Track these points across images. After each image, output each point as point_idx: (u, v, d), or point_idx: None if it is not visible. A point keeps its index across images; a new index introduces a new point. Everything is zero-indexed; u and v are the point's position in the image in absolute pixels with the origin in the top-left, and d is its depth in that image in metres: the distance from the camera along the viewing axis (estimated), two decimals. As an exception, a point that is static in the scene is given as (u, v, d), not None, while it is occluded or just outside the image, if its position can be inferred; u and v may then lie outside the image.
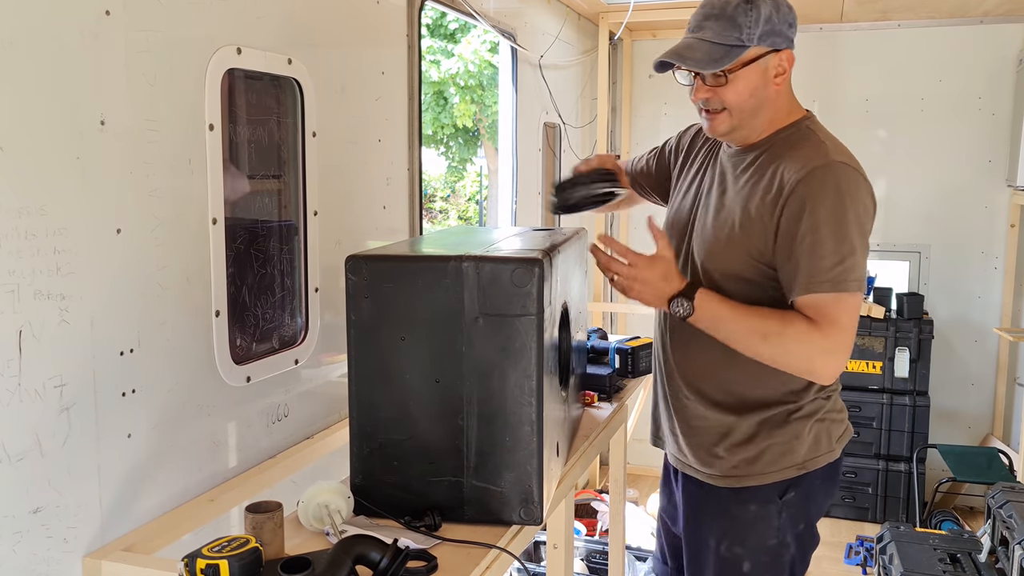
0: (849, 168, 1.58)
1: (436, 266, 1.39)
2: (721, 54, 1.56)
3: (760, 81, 1.59)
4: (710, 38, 1.57)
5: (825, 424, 1.73)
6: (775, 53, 1.59)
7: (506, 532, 1.42)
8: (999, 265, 4.36)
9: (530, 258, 1.37)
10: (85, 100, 1.33)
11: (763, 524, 1.72)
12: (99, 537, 1.39)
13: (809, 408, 1.70)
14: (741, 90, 1.59)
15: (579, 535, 3.58)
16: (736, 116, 1.62)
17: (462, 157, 13.10)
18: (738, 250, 1.64)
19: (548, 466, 1.46)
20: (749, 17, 1.55)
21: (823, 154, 1.59)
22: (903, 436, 4.23)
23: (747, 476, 1.70)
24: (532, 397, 1.38)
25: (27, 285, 1.24)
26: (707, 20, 1.57)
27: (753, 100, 1.60)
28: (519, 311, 1.36)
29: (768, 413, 1.69)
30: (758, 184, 1.63)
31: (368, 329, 1.41)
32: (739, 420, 1.71)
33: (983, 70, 4.27)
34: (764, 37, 1.56)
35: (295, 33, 1.83)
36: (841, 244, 1.54)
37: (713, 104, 1.62)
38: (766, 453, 1.69)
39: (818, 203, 1.54)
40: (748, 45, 1.56)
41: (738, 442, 1.71)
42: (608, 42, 4.26)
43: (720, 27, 1.56)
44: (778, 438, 1.69)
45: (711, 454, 1.74)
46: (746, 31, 1.55)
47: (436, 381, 1.40)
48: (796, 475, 1.70)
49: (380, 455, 1.44)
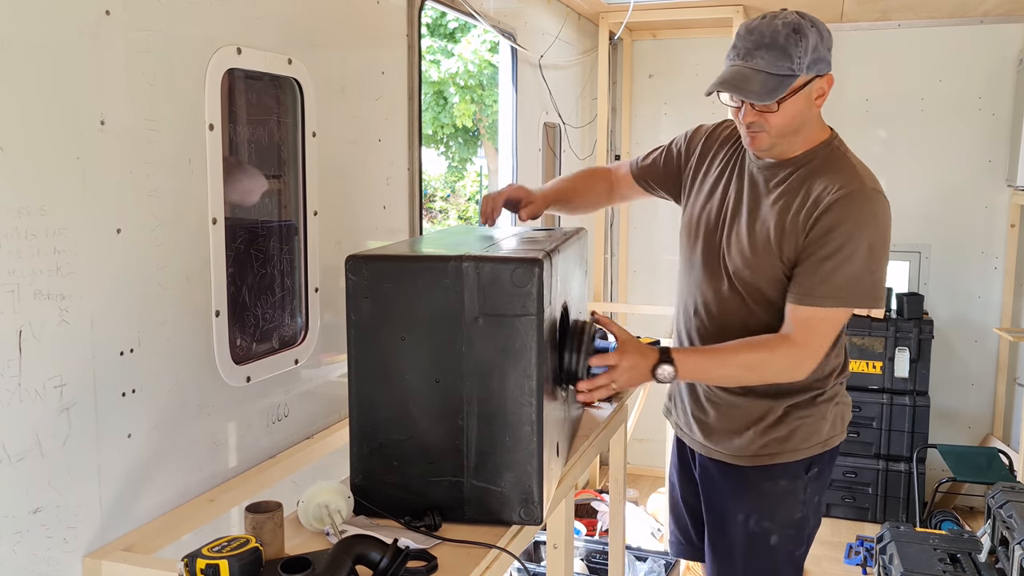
0: (879, 196, 1.69)
1: (436, 266, 1.39)
2: (775, 84, 1.62)
3: (805, 105, 1.68)
4: (763, 67, 1.62)
5: (840, 408, 1.90)
6: (820, 78, 1.67)
7: (506, 532, 1.42)
8: (999, 265, 4.36)
9: (530, 258, 1.37)
10: (85, 100, 1.33)
11: (791, 499, 1.86)
12: (99, 537, 1.39)
13: (831, 392, 1.86)
14: (788, 115, 1.67)
15: (579, 535, 3.58)
16: (774, 136, 1.71)
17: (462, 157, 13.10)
18: (773, 261, 1.74)
19: (548, 466, 1.46)
20: (800, 48, 1.61)
21: (856, 179, 1.69)
22: (903, 436, 4.23)
23: (778, 454, 1.84)
24: (532, 397, 1.38)
25: (27, 285, 1.24)
26: (758, 49, 1.63)
27: (796, 123, 1.69)
28: (519, 311, 1.36)
29: (800, 398, 1.83)
30: (792, 200, 1.72)
31: (368, 329, 1.41)
32: (774, 404, 1.83)
33: (983, 70, 4.27)
34: (812, 65, 1.64)
35: (295, 33, 1.83)
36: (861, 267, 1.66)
37: (756, 126, 1.70)
38: (797, 432, 1.83)
39: (847, 227, 1.65)
40: (798, 74, 1.63)
41: (771, 424, 1.83)
42: (608, 42, 4.26)
43: (772, 57, 1.62)
44: (807, 418, 1.83)
45: (740, 435, 1.86)
46: (796, 61, 1.62)
47: (436, 381, 1.40)
48: (820, 452, 1.85)
49: (380, 455, 1.44)
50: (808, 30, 1.63)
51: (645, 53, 4.72)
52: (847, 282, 1.66)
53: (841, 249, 1.65)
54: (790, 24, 1.62)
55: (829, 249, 1.66)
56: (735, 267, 1.80)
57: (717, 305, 1.86)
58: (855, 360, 4.27)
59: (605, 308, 4.60)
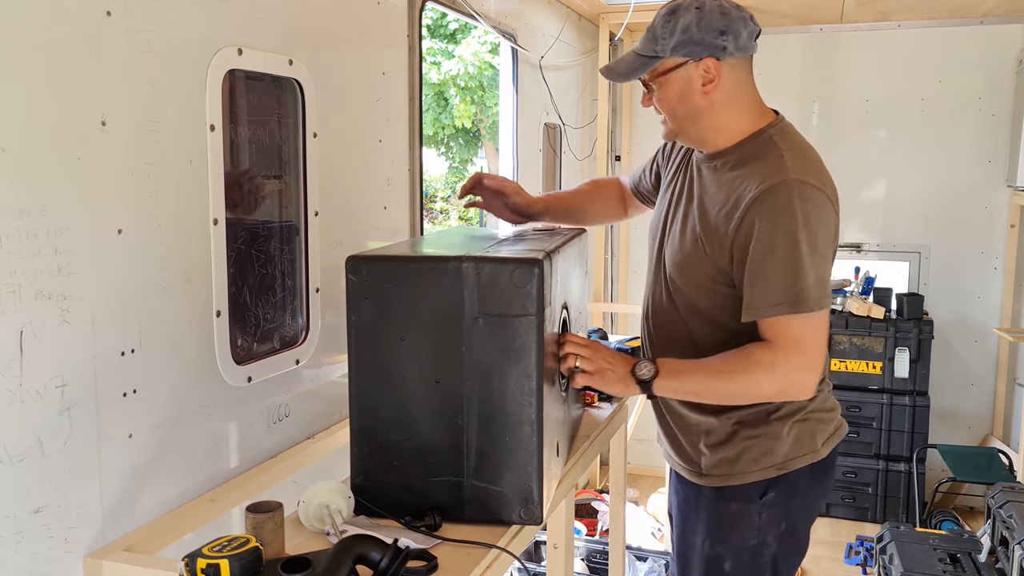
0: (806, 185, 1.55)
1: (436, 266, 1.39)
2: (637, 65, 1.64)
3: (683, 90, 1.63)
4: (636, 50, 1.66)
5: (808, 424, 1.71)
6: (694, 63, 1.60)
7: (506, 532, 1.42)
8: (999, 265, 4.36)
9: (530, 258, 1.37)
10: (86, 101, 1.33)
11: (744, 523, 1.73)
12: (100, 537, 1.39)
13: (789, 408, 1.69)
14: (664, 98, 1.66)
15: (579, 535, 3.58)
16: (672, 122, 1.69)
17: (463, 158, 13.10)
18: (702, 262, 1.65)
19: (548, 466, 1.46)
20: (665, 29, 1.60)
21: (780, 170, 1.56)
22: (903, 436, 4.23)
23: (728, 476, 1.72)
24: (532, 397, 1.38)
25: (28, 285, 1.24)
26: (642, 34, 1.66)
27: (682, 108, 1.65)
28: (519, 311, 1.37)
29: (744, 412, 1.69)
30: (717, 196, 1.65)
31: (368, 329, 1.42)
32: (717, 420, 1.72)
33: (983, 70, 4.27)
34: (678, 48, 1.59)
35: (296, 34, 1.83)
36: (795, 265, 1.53)
37: (658, 112, 1.71)
38: (745, 453, 1.70)
39: (770, 224, 1.54)
40: (661, 56, 1.61)
41: (717, 442, 1.73)
42: (608, 43, 4.26)
43: (644, 40, 1.64)
44: (757, 438, 1.69)
45: (696, 452, 1.77)
46: (660, 43, 1.61)
47: (436, 381, 1.41)
48: (776, 475, 1.70)
49: (380, 455, 1.44)
50: (684, 12, 1.57)
51: (645, 53, 4.72)
52: (788, 285, 1.53)
53: (773, 249, 1.53)
54: (671, 5, 1.62)
55: (760, 251, 1.54)
56: (669, 271, 1.73)
57: (656, 314, 1.79)
58: (855, 360, 4.27)
59: (605, 308, 4.60)
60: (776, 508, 1.72)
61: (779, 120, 1.69)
